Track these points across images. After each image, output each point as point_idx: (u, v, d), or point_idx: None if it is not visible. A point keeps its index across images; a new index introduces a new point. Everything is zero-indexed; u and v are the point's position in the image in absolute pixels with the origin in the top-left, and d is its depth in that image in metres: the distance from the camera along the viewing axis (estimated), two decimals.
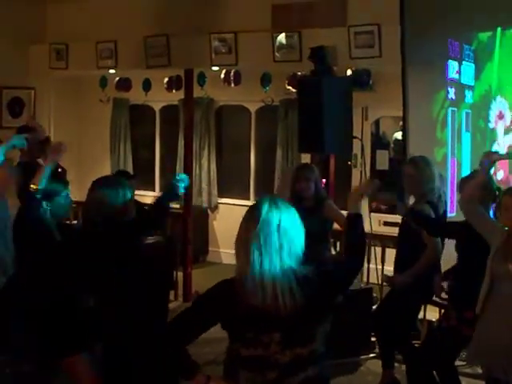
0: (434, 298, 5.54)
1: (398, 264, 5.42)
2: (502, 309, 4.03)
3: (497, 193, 4.60)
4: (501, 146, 6.29)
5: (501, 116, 6.25)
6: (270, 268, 2.67)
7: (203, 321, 2.83)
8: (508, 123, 6.25)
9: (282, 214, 2.74)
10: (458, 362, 5.12)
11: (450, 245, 5.00)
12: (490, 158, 4.37)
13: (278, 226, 2.71)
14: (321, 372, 2.79)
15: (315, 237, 3.97)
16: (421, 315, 6.02)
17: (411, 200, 5.43)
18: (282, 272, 2.68)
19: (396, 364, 5.63)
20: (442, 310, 5.46)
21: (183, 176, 4.21)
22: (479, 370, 5.07)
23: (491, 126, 6.33)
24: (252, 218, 2.74)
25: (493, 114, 6.28)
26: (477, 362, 4.48)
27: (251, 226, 2.71)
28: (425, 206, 5.06)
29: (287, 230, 2.72)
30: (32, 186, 4.08)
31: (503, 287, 4.03)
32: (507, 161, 6.17)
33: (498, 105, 6.29)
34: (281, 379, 2.73)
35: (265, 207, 2.73)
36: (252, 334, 2.73)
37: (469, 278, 4.49)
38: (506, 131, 6.32)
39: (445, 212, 5.26)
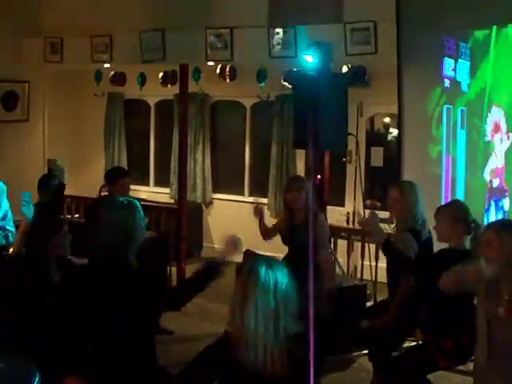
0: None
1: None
2: (498, 355, 3.76)
3: (472, 225, 4.48)
4: (498, 156, 6.28)
5: (496, 129, 6.24)
6: (265, 332, 2.73)
7: (201, 379, 2.90)
8: (504, 134, 6.22)
9: (278, 276, 2.79)
10: None
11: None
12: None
13: (275, 290, 2.76)
14: None
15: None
16: None
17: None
18: (275, 336, 2.73)
19: None
20: None
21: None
22: (471, 367, 5.08)
23: (487, 139, 6.31)
24: (249, 281, 2.79)
25: (488, 128, 6.27)
26: None
27: (248, 289, 2.77)
28: (407, 236, 5.02)
29: (283, 292, 2.78)
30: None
31: (500, 330, 3.75)
32: (503, 168, 6.18)
33: (493, 116, 6.27)
34: None
35: (262, 271, 2.79)
36: None
37: (448, 307, 4.44)
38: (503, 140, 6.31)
39: (427, 239, 5.11)
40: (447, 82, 6.29)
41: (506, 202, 6.17)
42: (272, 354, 2.71)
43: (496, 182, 6.29)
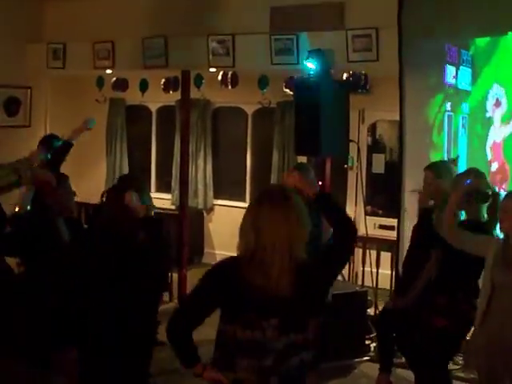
0: None
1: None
2: (500, 315, 3.98)
3: (489, 192, 4.57)
4: (497, 132, 6.27)
5: (497, 104, 6.24)
6: (280, 254, 2.75)
7: (207, 302, 2.88)
8: (504, 110, 6.21)
9: (296, 201, 2.84)
10: (451, 366, 5.13)
11: None
12: (471, 180, 4.35)
13: (298, 210, 2.82)
14: (315, 357, 2.85)
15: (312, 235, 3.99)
16: None
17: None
18: (291, 258, 2.76)
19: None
20: None
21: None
22: (472, 375, 5.08)
23: (488, 114, 6.30)
24: (264, 201, 2.86)
25: (489, 104, 6.27)
26: (472, 366, 4.46)
27: (273, 210, 2.81)
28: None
29: (300, 218, 2.82)
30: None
31: (505, 296, 3.96)
32: (501, 151, 6.17)
33: (495, 93, 6.26)
34: (276, 366, 2.78)
35: (279, 195, 2.86)
36: (251, 315, 2.78)
37: (449, 266, 4.52)
38: (503, 119, 6.28)
39: None
40: (449, 97, 6.30)
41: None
42: (282, 276, 2.74)
43: (495, 166, 6.27)
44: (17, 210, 4.46)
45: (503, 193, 4.96)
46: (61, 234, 4.24)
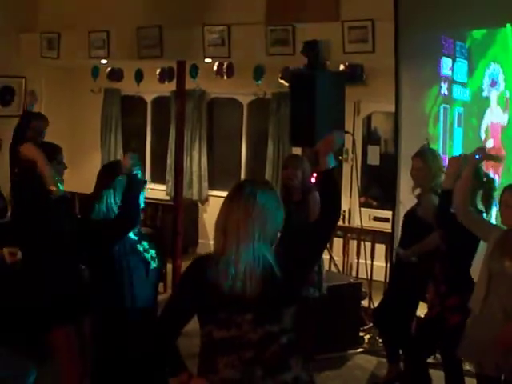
0: None
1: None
2: (496, 305, 4.03)
3: (484, 179, 4.60)
4: (494, 113, 6.25)
5: (493, 83, 6.22)
6: (245, 254, 2.73)
7: (184, 307, 2.87)
8: (501, 89, 6.19)
9: (262, 198, 2.79)
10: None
11: None
12: (481, 154, 4.39)
13: (259, 211, 2.76)
14: (292, 339, 2.83)
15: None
16: None
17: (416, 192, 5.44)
18: (254, 257, 2.73)
19: None
20: None
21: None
22: (467, 367, 5.09)
23: (484, 94, 6.29)
24: (234, 202, 2.81)
25: (486, 83, 6.24)
26: (468, 358, 4.48)
27: (233, 210, 2.79)
28: (432, 197, 5.09)
29: (265, 215, 2.78)
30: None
31: (500, 284, 4.03)
32: (498, 129, 6.16)
33: (492, 72, 6.23)
34: (258, 356, 2.77)
35: (246, 191, 2.80)
36: (224, 314, 2.77)
37: (454, 264, 4.54)
38: (500, 100, 6.26)
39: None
40: (444, 89, 6.28)
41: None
42: (250, 277, 2.72)
43: (490, 143, 6.26)
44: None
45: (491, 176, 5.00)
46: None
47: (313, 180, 6.20)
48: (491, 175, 4.87)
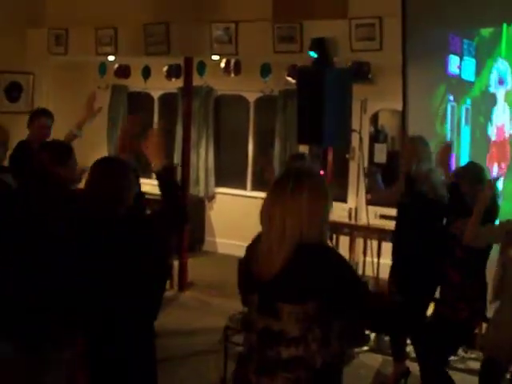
0: None
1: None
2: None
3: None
4: (500, 112, 6.23)
5: (501, 81, 6.19)
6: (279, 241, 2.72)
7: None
8: (509, 87, 6.16)
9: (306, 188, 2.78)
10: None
11: None
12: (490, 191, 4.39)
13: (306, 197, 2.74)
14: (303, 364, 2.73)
15: None
16: None
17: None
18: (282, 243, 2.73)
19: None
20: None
21: None
22: (471, 365, 5.09)
23: (491, 89, 6.26)
24: (280, 189, 2.78)
25: (493, 79, 6.22)
26: (486, 350, 4.47)
27: (282, 196, 2.76)
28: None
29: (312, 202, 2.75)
30: None
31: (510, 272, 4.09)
32: (504, 128, 6.15)
33: (499, 68, 6.20)
34: (259, 347, 2.77)
35: (292, 182, 2.77)
36: (244, 289, 2.90)
37: (477, 270, 4.55)
38: (508, 99, 6.24)
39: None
40: (452, 87, 6.26)
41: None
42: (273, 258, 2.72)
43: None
44: None
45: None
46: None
47: None
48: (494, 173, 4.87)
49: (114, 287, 3.45)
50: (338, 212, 8.59)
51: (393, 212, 6.14)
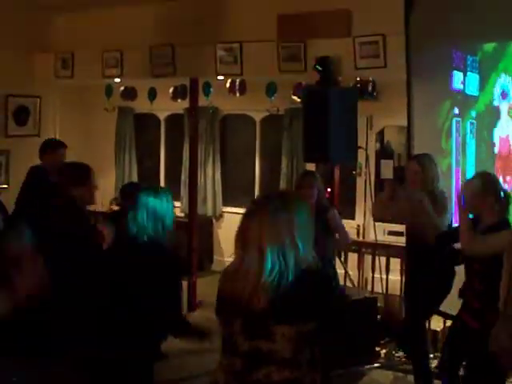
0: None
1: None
2: None
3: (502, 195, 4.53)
4: (503, 126, 6.25)
5: (504, 95, 6.21)
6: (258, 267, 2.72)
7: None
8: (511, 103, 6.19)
9: (297, 214, 2.77)
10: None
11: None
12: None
13: (290, 223, 2.72)
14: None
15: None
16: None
17: None
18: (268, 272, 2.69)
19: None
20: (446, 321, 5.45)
21: None
22: None
23: (495, 103, 6.28)
24: (257, 215, 2.81)
25: (496, 92, 6.25)
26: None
27: (256, 224, 2.79)
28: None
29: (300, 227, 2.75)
30: None
31: None
32: (508, 141, 6.16)
33: (503, 83, 6.22)
34: (244, 372, 2.70)
35: (272, 208, 2.77)
36: (224, 311, 2.83)
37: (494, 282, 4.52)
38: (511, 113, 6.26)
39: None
40: (456, 103, 6.29)
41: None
42: (258, 289, 2.68)
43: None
44: None
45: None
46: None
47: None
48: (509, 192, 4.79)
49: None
50: (346, 229, 8.59)
51: (400, 228, 6.16)
